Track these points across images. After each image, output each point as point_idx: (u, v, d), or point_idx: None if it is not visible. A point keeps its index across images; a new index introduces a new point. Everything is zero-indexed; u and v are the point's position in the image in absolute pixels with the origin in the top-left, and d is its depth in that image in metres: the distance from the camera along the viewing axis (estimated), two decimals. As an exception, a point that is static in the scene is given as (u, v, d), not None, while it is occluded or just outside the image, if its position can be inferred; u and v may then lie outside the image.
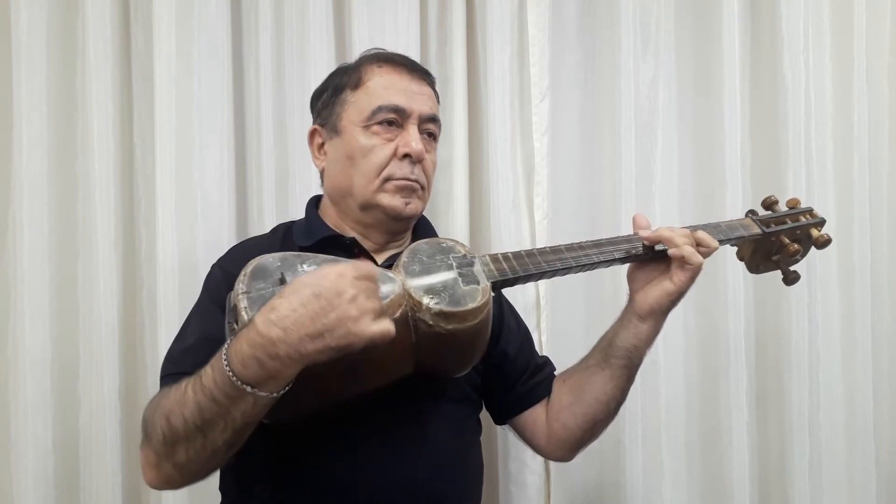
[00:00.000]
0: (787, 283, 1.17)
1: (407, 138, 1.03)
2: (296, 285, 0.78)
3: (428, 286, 0.89)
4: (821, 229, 1.17)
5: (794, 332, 1.55)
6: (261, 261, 0.87)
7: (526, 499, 1.47)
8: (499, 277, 0.95)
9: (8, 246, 1.33)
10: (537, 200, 1.54)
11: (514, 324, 1.18)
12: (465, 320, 0.88)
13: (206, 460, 0.82)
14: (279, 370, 0.76)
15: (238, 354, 0.76)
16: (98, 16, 1.34)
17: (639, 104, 1.55)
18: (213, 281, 1.03)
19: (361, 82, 1.05)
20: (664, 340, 1.54)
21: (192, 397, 0.79)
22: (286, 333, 0.75)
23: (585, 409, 1.06)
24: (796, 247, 1.13)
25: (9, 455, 1.30)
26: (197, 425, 0.79)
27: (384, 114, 1.03)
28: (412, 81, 1.06)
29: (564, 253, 1.01)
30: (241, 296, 0.82)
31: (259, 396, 0.77)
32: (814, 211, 1.19)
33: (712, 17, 1.56)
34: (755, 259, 1.18)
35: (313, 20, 1.43)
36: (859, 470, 1.60)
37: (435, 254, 0.94)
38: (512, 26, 1.53)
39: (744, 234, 1.11)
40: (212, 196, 1.39)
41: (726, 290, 1.54)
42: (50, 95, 1.34)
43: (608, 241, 1.03)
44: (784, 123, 1.55)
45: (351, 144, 1.03)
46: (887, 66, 1.65)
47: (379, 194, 1.02)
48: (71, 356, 1.35)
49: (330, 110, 1.07)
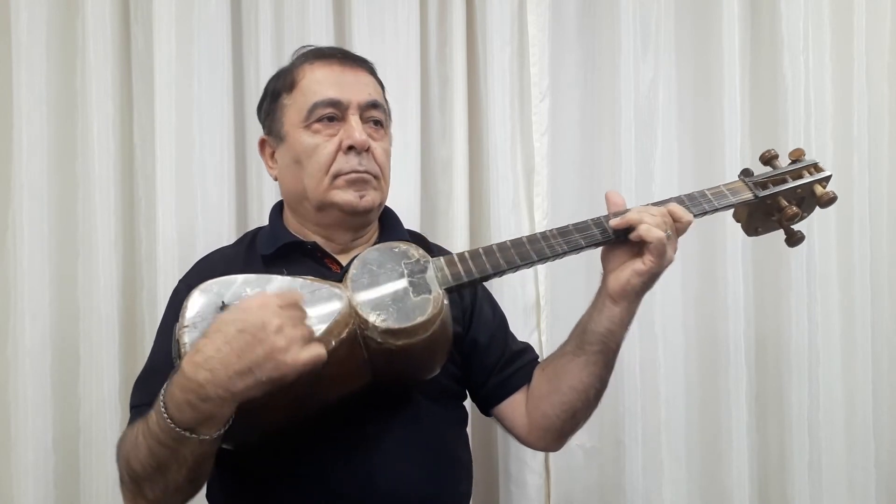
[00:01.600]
0: (791, 244, 1.05)
1: (349, 130, 1.01)
2: (219, 323, 0.77)
3: (376, 300, 0.85)
4: (826, 185, 1.04)
5: (794, 332, 1.55)
6: (202, 288, 0.85)
7: (526, 499, 1.47)
8: (453, 283, 0.91)
9: (8, 246, 1.33)
10: (537, 200, 1.54)
11: (490, 311, 1.14)
12: (414, 335, 0.85)
13: (173, 495, 0.82)
14: (213, 412, 0.75)
15: (172, 399, 0.76)
16: (98, 16, 1.34)
17: (639, 104, 1.55)
18: (177, 300, 1.00)
19: (295, 83, 1.03)
20: (664, 340, 1.54)
21: (143, 442, 0.79)
22: (213, 375, 0.74)
23: (562, 398, 1.02)
24: (794, 209, 1.02)
25: (9, 455, 1.30)
26: (153, 468, 0.79)
27: (321, 109, 1.01)
28: (345, 71, 1.04)
29: (526, 246, 0.95)
30: (183, 330, 0.81)
31: (200, 439, 0.76)
32: (819, 164, 1.06)
33: (712, 17, 1.56)
34: (752, 222, 1.07)
35: (313, 20, 1.43)
36: (859, 470, 1.60)
37: (385, 262, 0.90)
38: (512, 26, 1.53)
39: (733, 201, 1.01)
40: (212, 196, 1.39)
41: (726, 290, 1.53)
42: (50, 95, 1.34)
43: (575, 228, 0.97)
44: (784, 123, 1.55)
45: (295, 147, 1.02)
46: (887, 66, 1.65)
47: (331, 192, 1.01)
48: (71, 356, 1.35)
49: (272, 118, 1.06)
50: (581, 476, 1.53)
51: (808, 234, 1.54)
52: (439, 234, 1.50)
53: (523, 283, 1.51)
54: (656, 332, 1.53)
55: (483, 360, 1.10)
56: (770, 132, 1.58)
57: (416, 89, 1.48)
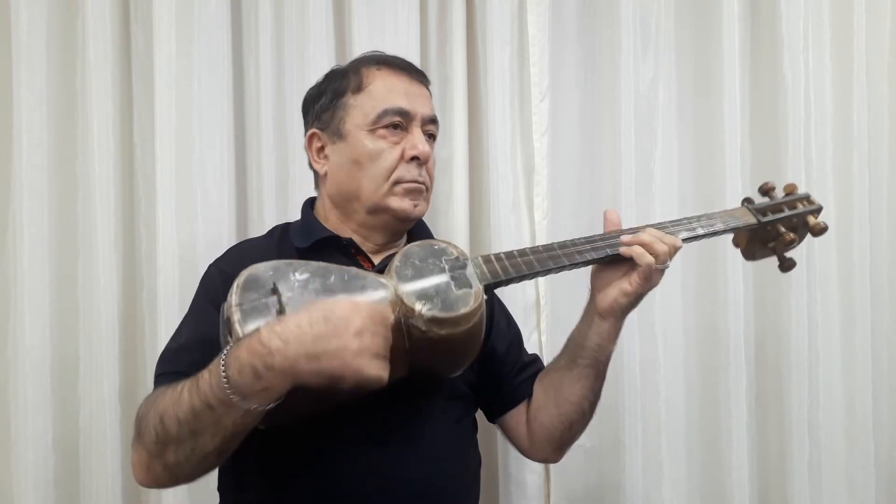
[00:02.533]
0: (783, 270, 1.16)
1: (413, 141, 1.03)
2: (311, 306, 0.79)
3: (420, 291, 0.88)
4: (818, 216, 1.15)
5: (794, 332, 1.55)
6: (252, 271, 0.86)
7: (526, 499, 1.47)
8: (491, 280, 0.95)
9: (8, 246, 1.33)
10: (537, 200, 1.54)
11: (505, 323, 1.18)
12: (457, 325, 0.88)
13: (196, 464, 0.82)
14: (271, 383, 0.76)
15: (236, 361, 0.77)
16: (98, 16, 1.35)
17: (639, 104, 1.55)
18: (210, 281, 1.02)
19: (363, 86, 1.05)
20: (664, 340, 1.54)
21: (187, 400, 0.79)
22: (285, 346, 0.75)
23: (558, 410, 1.07)
24: (792, 236, 1.12)
25: (9, 455, 1.30)
26: (190, 428, 0.79)
27: (390, 117, 1.03)
28: (412, 84, 1.07)
29: (557, 251, 1.00)
30: (234, 308, 0.82)
31: (249, 409, 0.77)
32: (811, 197, 1.17)
33: (712, 17, 1.56)
34: (751, 247, 1.17)
35: (313, 20, 1.43)
36: (859, 470, 1.60)
37: (427, 257, 0.94)
38: (512, 26, 1.53)
39: (740, 225, 1.11)
40: (212, 196, 1.39)
41: (726, 289, 1.54)
42: (50, 95, 1.34)
43: (601, 238, 1.03)
44: (784, 123, 1.55)
45: (357, 148, 1.03)
46: (887, 66, 1.65)
47: (389, 198, 1.03)
48: (71, 356, 1.35)
49: (331, 114, 1.06)
50: (581, 476, 1.54)
51: (807, 234, 1.56)
52: (439, 234, 1.49)
53: (523, 283, 1.50)
54: (656, 332, 1.53)
55: (499, 368, 1.13)
56: (770, 132, 1.58)
57: (416, 89, 1.48)
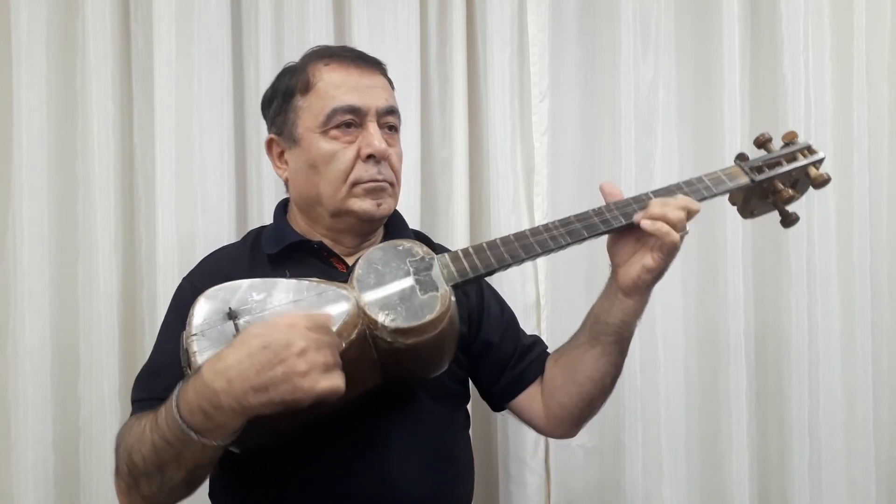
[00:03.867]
0: (786, 225, 1.07)
1: (368, 138, 0.99)
2: (246, 335, 0.77)
3: (383, 300, 0.85)
4: (819, 167, 1.05)
5: (794, 332, 1.55)
6: (209, 294, 0.85)
7: (526, 499, 1.47)
8: (459, 279, 0.91)
9: (8, 246, 1.33)
10: (537, 200, 1.54)
11: (497, 309, 1.15)
12: (423, 333, 0.85)
13: (168, 495, 0.82)
14: (223, 421, 0.75)
15: (185, 402, 0.76)
16: (98, 16, 1.34)
17: (639, 104, 1.55)
18: (181, 296, 1.00)
19: (311, 85, 1.00)
20: (664, 340, 1.54)
21: (148, 436, 0.79)
22: (230, 385, 0.74)
23: (580, 389, 1.03)
24: (791, 192, 1.03)
25: (9, 455, 1.30)
26: (154, 464, 0.79)
27: (340, 116, 0.98)
28: (363, 75, 1.02)
29: (529, 238, 0.95)
30: (191, 338, 0.81)
31: (206, 444, 0.76)
32: (812, 146, 1.07)
33: (712, 17, 1.56)
34: (748, 205, 1.09)
35: (313, 20, 1.43)
36: (859, 470, 1.60)
37: (390, 260, 0.90)
38: (512, 26, 1.53)
39: (730, 187, 1.03)
40: (212, 196, 1.39)
41: (726, 289, 1.54)
42: (50, 95, 1.34)
43: (577, 218, 0.97)
44: (784, 123, 1.55)
45: (311, 152, 1.00)
46: (887, 66, 1.65)
47: (349, 200, 1.00)
48: (71, 356, 1.35)
49: (283, 118, 1.03)
50: (581, 476, 1.54)
51: (807, 233, 1.56)
52: (439, 234, 1.50)
53: (523, 282, 1.51)
54: (656, 331, 1.53)
55: (497, 357, 1.11)
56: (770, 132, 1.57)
57: (416, 89, 1.48)
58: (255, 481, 0.94)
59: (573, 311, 1.55)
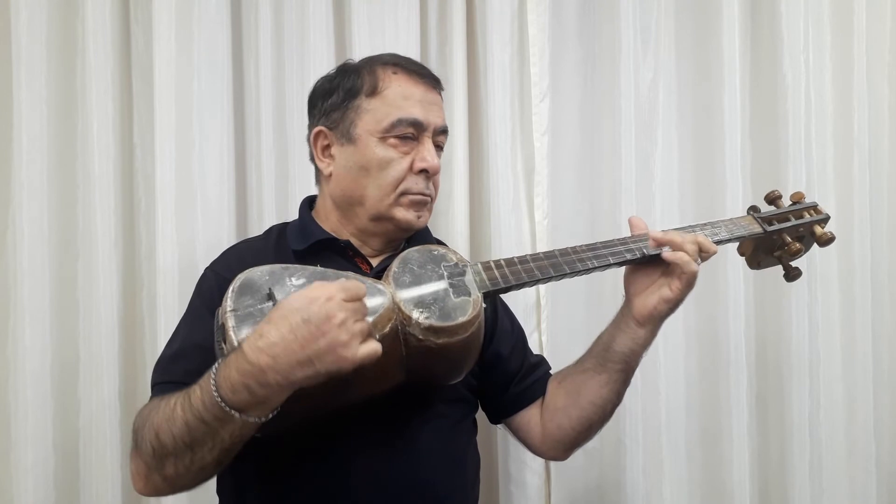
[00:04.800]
0: (789, 280, 1.15)
1: (423, 153, 1.02)
2: (284, 310, 0.77)
3: (418, 299, 0.88)
4: (824, 226, 1.15)
5: (794, 333, 1.55)
6: (248, 275, 0.85)
7: (526, 499, 1.47)
8: (490, 287, 0.94)
9: (8, 246, 1.33)
10: (537, 200, 1.54)
11: (509, 324, 1.17)
12: (455, 334, 0.87)
13: (195, 475, 0.83)
14: (268, 396, 0.76)
15: (227, 380, 0.76)
16: (98, 16, 1.35)
17: (639, 104, 1.55)
18: (205, 285, 1.02)
19: (378, 89, 1.02)
20: (664, 340, 1.54)
21: (180, 415, 0.79)
22: (275, 361, 0.75)
23: (581, 413, 1.06)
24: (798, 246, 1.12)
25: (9, 455, 1.30)
26: (185, 443, 0.79)
27: (403, 127, 1.00)
28: (427, 91, 1.04)
29: (558, 258, 0.99)
30: (229, 314, 0.82)
31: (247, 421, 0.77)
32: (818, 206, 1.17)
33: (712, 17, 1.56)
34: (756, 256, 1.17)
35: (313, 20, 1.43)
36: (859, 470, 1.60)
37: (426, 263, 0.93)
38: (512, 26, 1.53)
39: (745, 234, 1.10)
40: (212, 196, 1.39)
41: (726, 290, 1.54)
42: (50, 95, 1.34)
43: (603, 245, 1.02)
44: (784, 123, 1.55)
45: (366, 155, 1.01)
46: (887, 66, 1.65)
47: (394, 208, 1.02)
48: (71, 356, 1.35)
49: (341, 114, 1.03)
50: (581, 476, 1.53)
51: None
52: (439, 234, 1.49)
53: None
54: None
55: (504, 371, 1.12)
56: (770, 132, 1.58)
57: (417, 89, 1.48)
58: (265, 476, 0.95)
59: (573, 312, 1.56)
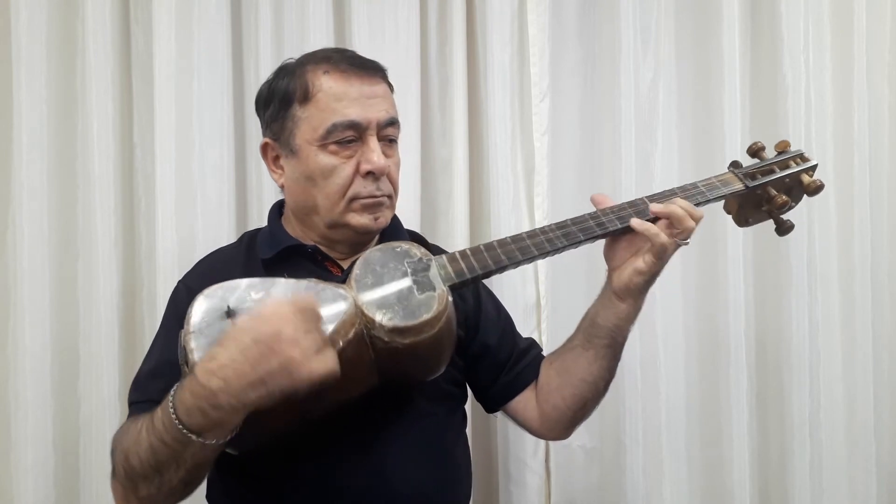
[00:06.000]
0: (780, 234, 1.09)
1: (368, 154, 0.97)
2: (235, 331, 0.76)
3: (381, 300, 0.86)
4: (812, 174, 1.07)
5: (795, 333, 1.55)
6: (207, 293, 0.85)
7: (526, 499, 1.47)
8: (456, 280, 0.91)
9: (8, 246, 1.33)
10: (537, 200, 1.54)
11: (494, 311, 1.15)
12: (420, 332, 0.85)
13: (167, 496, 0.83)
14: (222, 419, 0.75)
15: (183, 403, 0.76)
16: (98, 16, 1.35)
17: (639, 104, 1.55)
18: (178, 299, 1.00)
19: (310, 94, 0.97)
20: (664, 340, 1.54)
21: (145, 438, 0.79)
22: (227, 384, 0.73)
23: (573, 391, 1.04)
24: (784, 198, 1.04)
25: (9, 455, 1.30)
26: (152, 466, 0.79)
27: (340, 132, 0.96)
28: (363, 84, 0.98)
29: (526, 241, 0.96)
30: (190, 336, 0.81)
31: (206, 443, 0.76)
32: (804, 154, 1.09)
33: (712, 17, 1.55)
34: (743, 213, 1.10)
35: (313, 20, 1.43)
36: (860, 470, 1.60)
37: (388, 262, 0.90)
38: (512, 26, 1.53)
39: (724, 192, 1.04)
40: (212, 196, 1.39)
41: (726, 290, 1.53)
42: (50, 95, 1.34)
43: (573, 222, 0.98)
44: (784, 123, 1.55)
45: (309, 165, 0.97)
46: (887, 66, 1.65)
47: (346, 214, 0.98)
48: (71, 356, 1.35)
49: (280, 125, 1.00)
50: (581, 476, 1.54)
51: (808, 233, 1.56)
52: (439, 234, 1.50)
53: (524, 282, 1.51)
54: (656, 332, 1.53)
55: (493, 360, 1.11)
56: (770, 132, 1.57)
57: (416, 89, 1.48)
58: (253, 484, 0.94)
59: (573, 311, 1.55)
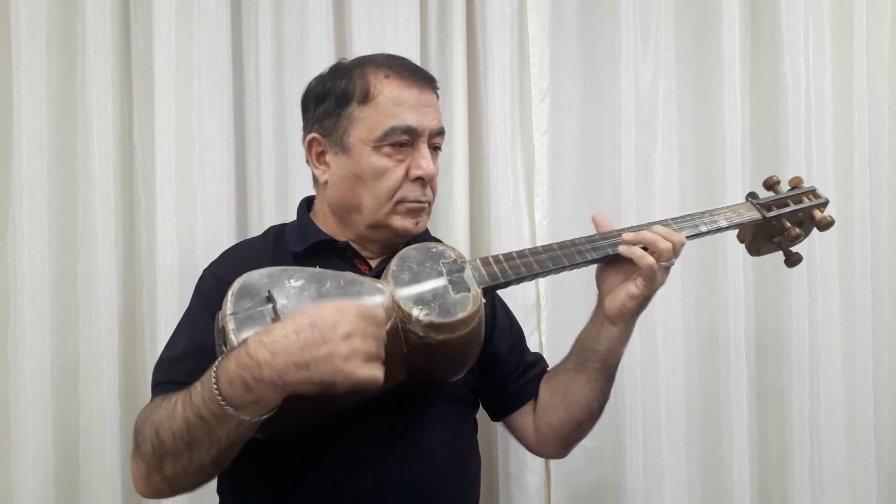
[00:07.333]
0: (789, 265, 1.14)
1: (419, 160, 0.99)
2: (297, 313, 0.78)
3: (417, 296, 0.88)
4: (824, 210, 1.14)
5: (794, 332, 1.55)
6: (247, 279, 0.86)
7: (526, 499, 1.47)
8: (490, 282, 0.94)
9: (8, 246, 1.33)
10: (537, 200, 1.54)
11: (507, 322, 1.17)
12: (455, 330, 0.87)
13: (194, 475, 0.82)
14: (262, 394, 0.76)
15: (226, 373, 0.76)
16: (98, 16, 1.34)
17: (639, 104, 1.55)
18: (204, 286, 1.01)
19: (370, 96, 0.99)
20: (664, 340, 1.54)
21: (181, 413, 0.79)
22: (273, 357, 0.74)
23: (568, 412, 1.06)
24: (797, 231, 1.10)
25: (9, 455, 1.30)
26: (184, 441, 0.79)
27: (397, 136, 0.98)
28: (421, 93, 1.01)
29: (557, 251, 0.99)
30: (229, 317, 0.82)
31: (243, 420, 0.76)
32: (817, 191, 1.16)
33: (712, 17, 1.56)
34: (756, 242, 1.16)
35: (313, 20, 1.43)
36: (860, 470, 1.60)
37: (424, 260, 0.93)
38: (512, 26, 1.53)
39: (744, 221, 1.09)
40: (212, 196, 1.39)
41: (726, 290, 1.54)
42: (50, 95, 1.34)
43: (601, 237, 1.01)
44: (784, 123, 1.55)
45: (360, 164, 0.99)
46: (887, 66, 1.65)
47: (391, 217, 1.00)
48: (71, 356, 1.35)
49: (334, 122, 1.01)
50: (581, 476, 1.53)
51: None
52: (439, 234, 1.49)
53: (524, 283, 1.50)
54: (656, 332, 1.53)
55: (502, 370, 1.12)
56: (770, 132, 1.58)
57: (417, 89, 1.48)
58: (265, 477, 0.94)
59: (573, 311, 1.56)
